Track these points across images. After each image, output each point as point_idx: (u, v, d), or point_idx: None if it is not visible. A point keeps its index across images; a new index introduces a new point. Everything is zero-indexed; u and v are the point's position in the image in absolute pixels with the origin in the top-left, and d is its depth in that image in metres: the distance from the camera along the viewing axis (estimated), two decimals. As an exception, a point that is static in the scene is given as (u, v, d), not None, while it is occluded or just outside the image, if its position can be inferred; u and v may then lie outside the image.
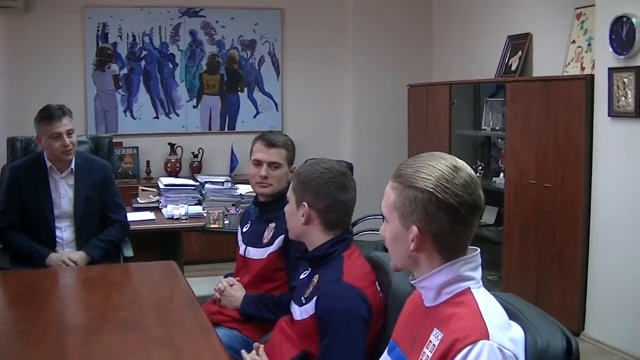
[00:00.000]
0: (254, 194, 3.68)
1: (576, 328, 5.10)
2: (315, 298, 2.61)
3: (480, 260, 1.91)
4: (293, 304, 2.80)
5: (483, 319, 1.75)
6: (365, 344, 2.53)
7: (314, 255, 2.79)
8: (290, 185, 2.90)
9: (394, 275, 2.54)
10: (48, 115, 4.27)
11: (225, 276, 3.64)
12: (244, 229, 3.65)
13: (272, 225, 3.44)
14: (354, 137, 8.31)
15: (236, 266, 3.64)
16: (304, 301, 2.69)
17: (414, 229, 1.88)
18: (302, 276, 2.89)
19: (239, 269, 3.58)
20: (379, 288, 2.67)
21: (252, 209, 3.73)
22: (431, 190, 1.85)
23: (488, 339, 1.71)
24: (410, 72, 8.07)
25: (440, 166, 1.87)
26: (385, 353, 2.12)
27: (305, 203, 2.78)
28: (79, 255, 4.28)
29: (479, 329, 1.73)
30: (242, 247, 3.58)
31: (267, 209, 3.54)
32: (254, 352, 2.83)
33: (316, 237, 2.79)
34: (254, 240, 3.49)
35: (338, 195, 2.78)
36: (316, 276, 2.71)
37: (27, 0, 7.26)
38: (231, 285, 3.46)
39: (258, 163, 3.53)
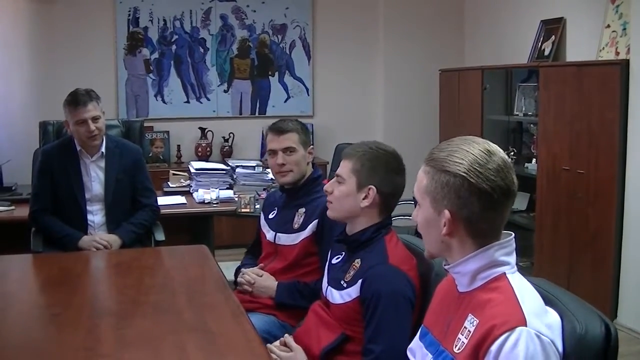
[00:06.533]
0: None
1: (609, 316, 4.99)
2: (360, 281, 2.61)
3: (514, 245, 1.88)
4: (330, 288, 2.78)
5: (520, 305, 1.74)
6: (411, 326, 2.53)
7: (356, 239, 2.76)
8: (350, 166, 2.79)
9: (435, 261, 2.52)
10: (74, 101, 4.28)
11: (239, 267, 3.65)
12: (270, 216, 3.63)
13: (302, 210, 3.43)
14: (384, 122, 8.27)
15: (264, 252, 3.62)
16: (344, 285, 2.68)
17: (446, 213, 1.85)
18: (334, 260, 2.88)
19: (268, 255, 3.57)
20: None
21: (277, 194, 3.71)
22: (464, 174, 1.82)
23: (525, 326, 1.69)
24: (441, 57, 8.00)
25: (473, 150, 1.85)
26: (416, 339, 2.10)
27: (373, 187, 2.73)
28: (111, 237, 4.31)
29: (516, 316, 1.71)
30: (269, 233, 3.56)
31: (294, 195, 3.53)
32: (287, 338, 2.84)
33: (369, 219, 2.76)
34: (284, 226, 3.47)
35: (400, 180, 2.79)
36: (357, 260, 2.70)
37: (59, -15, 7.30)
38: (260, 276, 3.47)
39: (273, 153, 3.52)
